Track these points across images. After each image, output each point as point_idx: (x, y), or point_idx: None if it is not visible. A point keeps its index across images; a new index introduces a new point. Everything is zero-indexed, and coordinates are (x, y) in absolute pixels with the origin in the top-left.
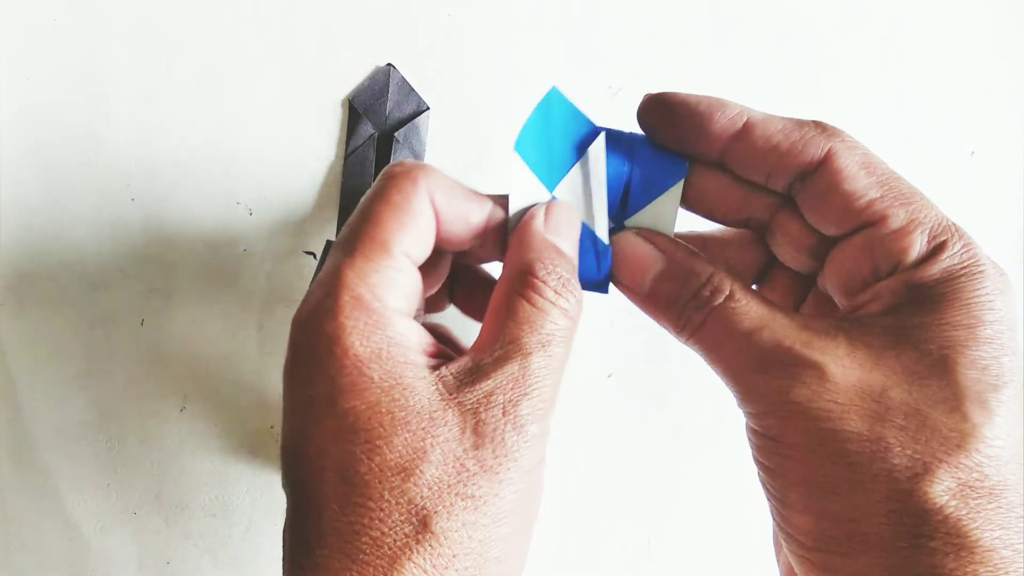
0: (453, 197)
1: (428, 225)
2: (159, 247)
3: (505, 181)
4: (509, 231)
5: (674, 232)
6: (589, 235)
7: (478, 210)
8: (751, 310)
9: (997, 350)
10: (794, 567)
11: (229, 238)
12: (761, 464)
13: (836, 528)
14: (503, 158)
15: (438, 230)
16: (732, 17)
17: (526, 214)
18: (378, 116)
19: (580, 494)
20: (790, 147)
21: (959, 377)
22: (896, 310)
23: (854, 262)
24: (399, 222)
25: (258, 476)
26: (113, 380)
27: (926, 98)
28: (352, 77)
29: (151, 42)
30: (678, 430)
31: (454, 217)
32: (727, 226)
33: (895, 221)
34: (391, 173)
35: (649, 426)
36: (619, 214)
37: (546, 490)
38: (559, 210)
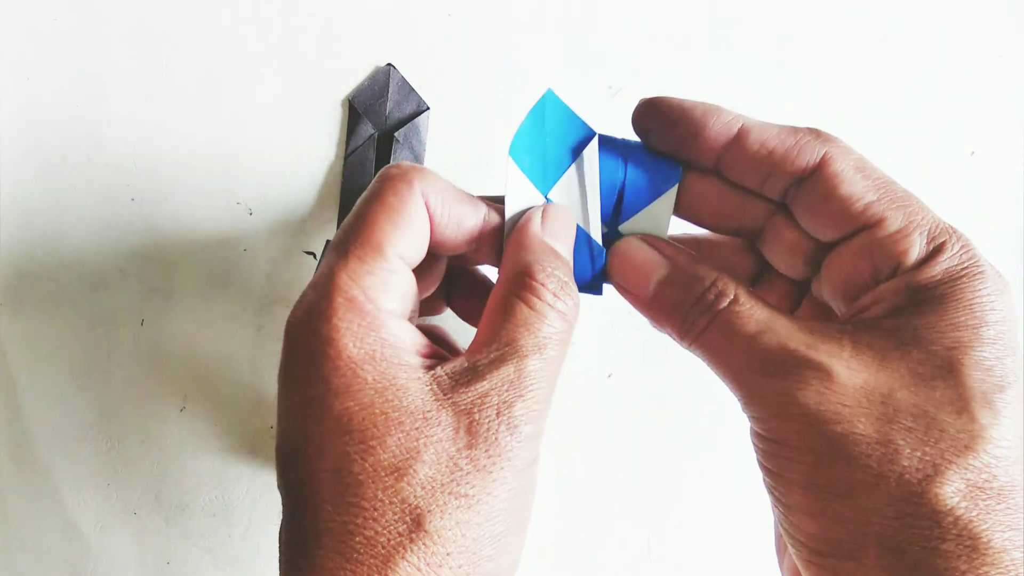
0: (448, 200)
1: (423, 227)
2: (159, 247)
3: (504, 181)
4: (505, 234)
5: (668, 236)
6: (584, 237)
7: (473, 214)
8: (755, 313)
9: (1001, 351)
10: (801, 573)
11: (229, 238)
12: (766, 469)
13: (844, 532)
14: (503, 158)
15: (433, 233)
16: (732, 17)
17: (523, 217)
18: (378, 116)
19: (580, 494)
20: (785, 152)
21: (965, 378)
22: (898, 312)
23: (852, 266)
24: (393, 224)
25: (258, 476)
26: (113, 380)
27: (926, 98)
28: (352, 77)
29: (151, 42)
30: (678, 430)
31: (449, 220)
32: (719, 233)
33: (893, 223)
34: (387, 175)
35: (649, 426)
36: (613, 219)
37: (546, 490)
38: (556, 213)
